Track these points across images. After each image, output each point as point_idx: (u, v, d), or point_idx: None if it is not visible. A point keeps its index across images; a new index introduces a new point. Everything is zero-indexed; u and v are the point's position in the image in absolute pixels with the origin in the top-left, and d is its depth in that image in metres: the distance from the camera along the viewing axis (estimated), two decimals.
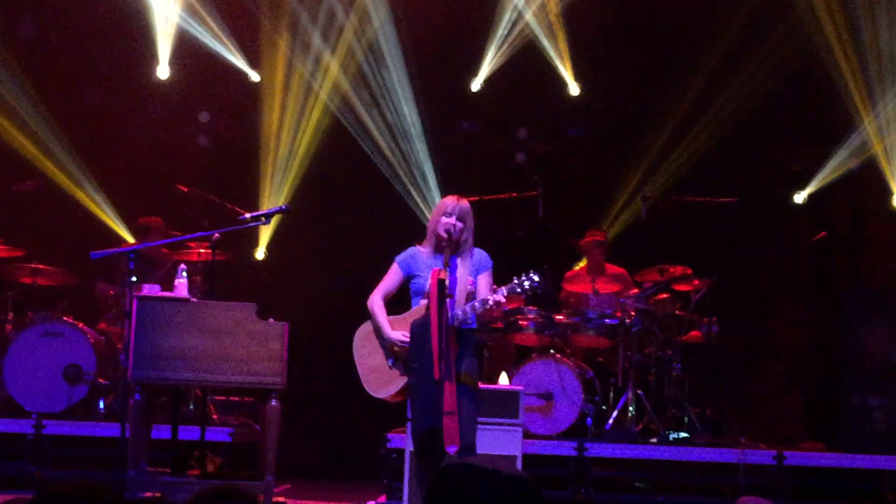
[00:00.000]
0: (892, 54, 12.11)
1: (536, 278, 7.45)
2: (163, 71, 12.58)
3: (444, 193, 7.82)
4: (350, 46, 12.47)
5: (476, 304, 7.39)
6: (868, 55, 12.14)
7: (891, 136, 12.23)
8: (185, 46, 12.52)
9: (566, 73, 12.68)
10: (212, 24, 12.46)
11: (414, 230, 10.37)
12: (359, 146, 12.53)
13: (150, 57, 12.57)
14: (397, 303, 7.76)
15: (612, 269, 11.64)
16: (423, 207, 12.38)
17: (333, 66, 12.49)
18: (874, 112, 12.21)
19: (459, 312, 7.34)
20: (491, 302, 7.38)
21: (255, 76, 12.73)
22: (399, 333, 7.51)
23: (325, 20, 12.42)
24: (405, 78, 12.53)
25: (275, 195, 12.40)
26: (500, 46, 12.56)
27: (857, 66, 12.15)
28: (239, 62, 12.64)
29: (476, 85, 12.72)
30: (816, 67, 12.18)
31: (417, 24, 12.43)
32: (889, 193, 12.47)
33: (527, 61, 12.59)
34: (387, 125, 12.55)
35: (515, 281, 7.48)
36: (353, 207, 12.75)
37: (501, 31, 12.53)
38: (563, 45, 12.55)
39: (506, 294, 7.43)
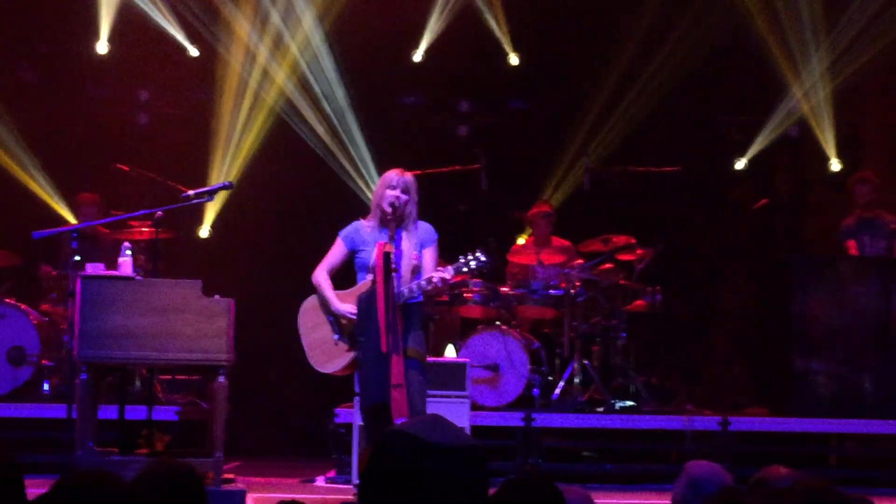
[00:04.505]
0: (811, 18, 12.22)
1: (483, 258, 7.49)
2: (102, 46, 12.44)
3: (385, 169, 7.80)
4: (287, 23, 12.39)
5: (422, 282, 7.42)
6: (788, 19, 12.26)
7: (818, 101, 12.36)
8: (125, 20, 12.38)
9: (505, 42, 12.68)
10: None
11: (357, 206, 10.38)
12: (299, 124, 12.48)
13: (89, 32, 12.43)
14: (343, 278, 7.77)
15: (558, 241, 11.68)
16: (360, 184, 12.37)
17: (274, 40, 12.42)
18: (800, 78, 12.34)
19: (405, 290, 7.37)
20: (436, 279, 7.41)
21: (194, 51, 12.62)
22: (347, 306, 7.52)
23: None
24: (345, 53, 12.49)
25: (220, 173, 12.32)
26: (441, 17, 12.54)
27: (779, 31, 12.27)
28: (179, 36, 12.52)
29: (418, 56, 12.69)
30: (743, 33, 12.29)
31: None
32: (827, 159, 12.62)
33: (467, 33, 12.58)
34: (327, 100, 12.50)
35: (462, 259, 7.52)
36: (297, 184, 12.70)
37: (442, 1, 12.51)
38: (500, 13, 12.55)
39: (452, 273, 7.46)
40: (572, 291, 10.98)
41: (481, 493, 2.77)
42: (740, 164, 12.86)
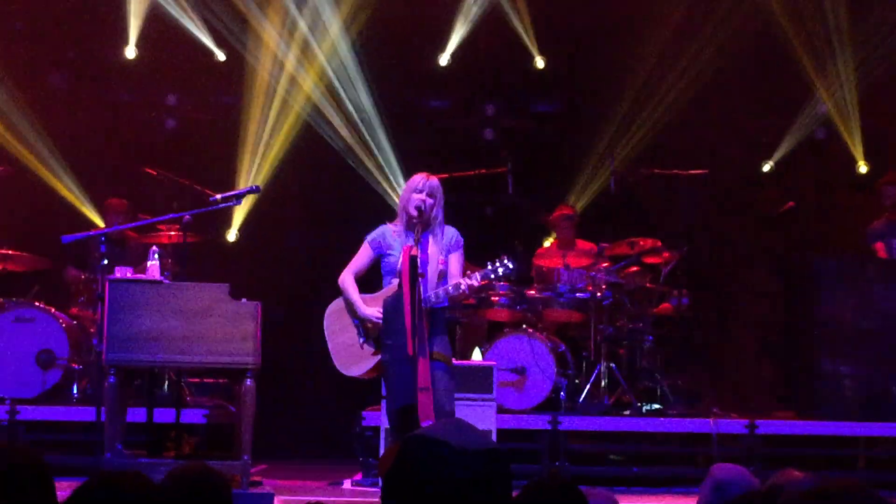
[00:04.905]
0: (836, 21, 12.21)
1: (510, 264, 7.50)
2: (130, 51, 12.52)
3: (412, 173, 7.83)
4: (313, 27, 12.43)
5: (449, 288, 7.44)
6: (813, 22, 12.25)
7: (845, 103, 12.34)
8: (153, 25, 12.45)
9: (531, 46, 12.70)
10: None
11: (384, 210, 10.41)
12: (326, 128, 12.52)
13: (117, 37, 12.51)
14: (369, 282, 7.80)
15: (582, 244, 11.69)
16: (387, 188, 12.40)
17: (301, 45, 12.47)
18: (826, 80, 12.33)
19: (432, 296, 7.39)
20: (464, 286, 7.44)
21: (221, 55, 12.68)
22: (373, 310, 7.55)
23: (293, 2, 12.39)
24: (372, 57, 12.53)
25: (248, 177, 12.37)
26: (467, 20, 12.57)
27: (804, 33, 12.26)
28: (207, 40, 12.57)
29: (444, 59, 12.73)
30: (769, 36, 12.28)
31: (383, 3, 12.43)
32: (854, 161, 12.59)
33: (493, 36, 12.61)
34: (354, 104, 12.53)
35: (490, 266, 7.53)
36: (324, 188, 12.74)
37: (468, 4, 12.54)
38: (526, 16, 12.57)
39: (480, 279, 7.48)
40: (598, 294, 10.99)
41: (504, 496, 2.79)
42: (767, 167, 12.85)
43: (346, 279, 7.72)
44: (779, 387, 12.58)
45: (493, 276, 7.57)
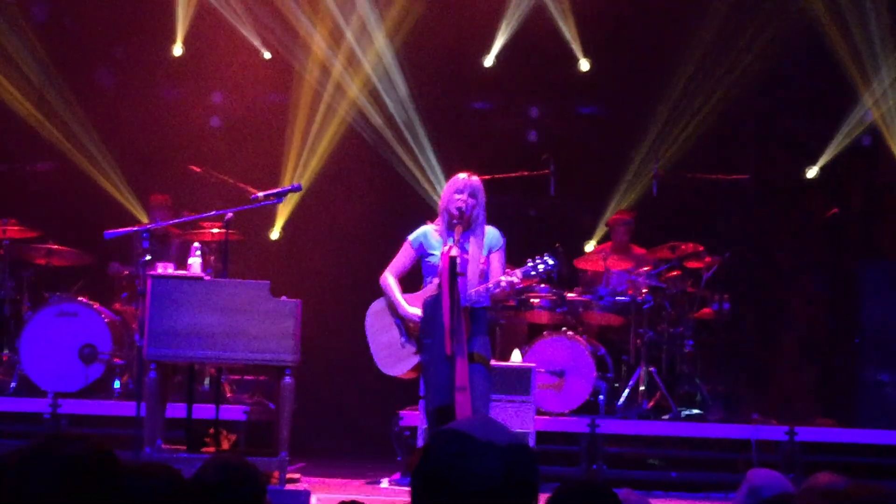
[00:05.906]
0: (879, 26, 12.13)
1: (551, 262, 7.50)
2: (177, 49, 12.61)
3: (454, 174, 7.83)
4: (359, 28, 12.47)
5: (490, 285, 7.44)
6: (857, 26, 12.17)
7: (891, 109, 12.25)
8: (199, 23, 12.53)
9: (576, 48, 12.69)
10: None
11: (426, 210, 10.41)
12: (368, 129, 12.56)
13: (164, 35, 12.59)
14: (411, 282, 7.81)
15: (637, 249, 11.64)
16: (428, 188, 12.41)
17: (347, 46, 12.51)
18: (871, 86, 12.25)
19: (473, 293, 7.39)
20: (504, 283, 7.43)
21: (266, 54, 12.74)
22: (414, 310, 7.56)
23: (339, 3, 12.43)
24: (417, 58, 12.55)
25: (292, 176, 12.42)
26: (512, 22, 12.58)
27: (849, 37, 12.19)
28: (252, 39, 12.64)
29: (489, 61, 12.73)
30: (814, 40, 12.21)
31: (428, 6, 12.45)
32: None
33: (537, 38, 12.60)
34: (397, 104, 12.56)
35: (530, 263, 7.53)
36: (367, 188, 12.77)
37: (513, 6, 12.54)
38: (570, 18, 12.55)
39: (520, 277, 7.48)
40: (639, 298, 10.96)
41: (531, 492, 2.78)
42: (811, 173, 12.76)
43: (388, 279, 7.74)
44: (820, 394, 12.51)
45: (533, 273, 7.56)
